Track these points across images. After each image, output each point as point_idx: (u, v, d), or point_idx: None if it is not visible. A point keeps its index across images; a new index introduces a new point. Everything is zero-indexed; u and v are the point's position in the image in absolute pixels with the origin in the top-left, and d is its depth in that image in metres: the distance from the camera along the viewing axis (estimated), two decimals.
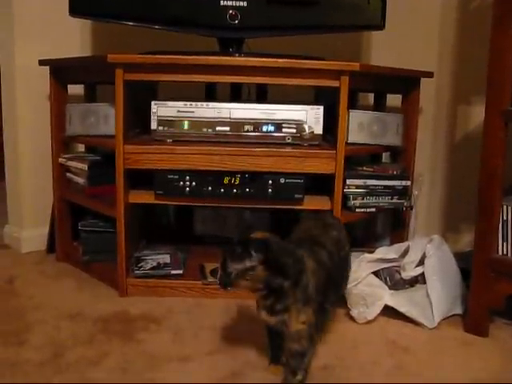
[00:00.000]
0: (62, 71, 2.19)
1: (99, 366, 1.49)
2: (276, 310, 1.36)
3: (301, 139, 1.91)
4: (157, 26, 2.05)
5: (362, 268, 1.87)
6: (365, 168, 2.12)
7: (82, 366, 1.49)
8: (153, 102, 1.90)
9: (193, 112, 1.90)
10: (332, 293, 1.48)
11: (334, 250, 1.50)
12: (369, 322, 1.79)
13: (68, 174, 2.25)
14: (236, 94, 2.26)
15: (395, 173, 2.10)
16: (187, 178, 1.89)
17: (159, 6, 2.01)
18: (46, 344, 1.61)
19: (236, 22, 2.00)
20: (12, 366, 1.48)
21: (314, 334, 1.37)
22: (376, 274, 1.90)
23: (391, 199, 2.08)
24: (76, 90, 2.32)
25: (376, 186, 2.05)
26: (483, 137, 1.68)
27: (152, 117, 1.90)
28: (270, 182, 1.89)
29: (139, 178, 1.96)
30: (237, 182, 1.90)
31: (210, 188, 1.90)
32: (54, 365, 1.49)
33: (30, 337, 1.65)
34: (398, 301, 1.81)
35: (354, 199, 2.01)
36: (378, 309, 1.80)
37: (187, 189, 1.90)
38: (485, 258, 1.70)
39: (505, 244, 1.70)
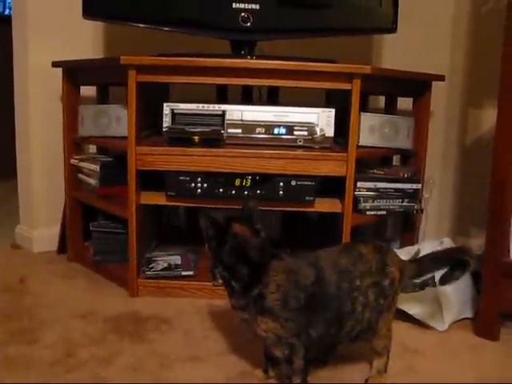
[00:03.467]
0: (74, 73, 2.21)
1: (110, 365, 1.50)
2: (233, 305, 1.37)
3: (312, 142, 1.91)
4: (168, 28, 2.06)
5: None
6: (375, 171, 2.12)
7: (94, 365, 1.50)
8: (165, 104, 1.91)
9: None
10: (323, 324, 1.33)
11: (332, 277, 1.34)
12: None
13: (80, 175, 2.26)
14: (247, 96, 2.27)
15: (406, 176, 2.10)
16: (198, 179, 1.90)
17: (171, 8, 2.02)
18: (57, 343, 1.62)
19: (248, 24, 2.00)
20: (25, 364, 1.49)
21: (294, 344, 1.32)
22: None
23: (402, 202, 2.08)
24: (88, 91, 2.33)
25: (387, 188, 2.05)
26: (494, 141, 1.68)
27: (164, 118, 1.91)
28: (281, 184, 1.90)
29: (150, 180, 1.97)
30: (248, 184, 1.91)
31: (221, 190, 1.91)
32: (66, 363, 1.50)
33: (42, 336, 1.66)
34: (408, 303, 1.80)
35: (365, 202, 2.01)
36: None
37: (198, 190, 1.91)
38: (496, 261, 1.70)
39: None
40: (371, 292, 1.36)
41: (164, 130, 1.91)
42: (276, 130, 1.92)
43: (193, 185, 1.90)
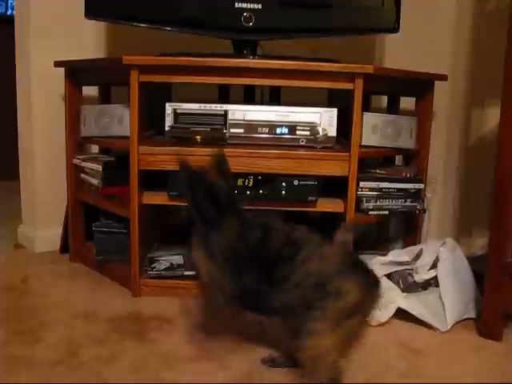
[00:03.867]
0: (77, 73, 2.21)
1: (113, 365, 1.50)
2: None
3: (314, 141, 1.91)
4: (170, 28, 2.06)
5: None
6: (378, 171, 2.12)
7: (96, 365, 1.50)
8: (167, 104, 1.90)
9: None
10: (253, 276, 1.38)
11: (278, 241, 1.39)
12: (382, 324, 1.79)
13: (82, 175, 2.26)
14: (249, 96, 2.26)
15: (408, 176, 2.10)
16: None
17: (173, 8, 2.02)
18: (60, 343, 1.62)
19: (251, 24, 2.00)
20: (27, 364, 1.49)
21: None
22: (389, 276, 1.90)
23: (404, 202, 2.07)
24: (91, 91, 2.33)
25: (389, 188, 2.05)
26: (498, 140, 1.68)
27: (166, 118, 1.91)
28: (284, 183, 1.90)
29: (153, 179, 1.97)
30: (250, 184, 1.91)
31: None
32: (69, 363, 1.50)
33: (45, 335, 1.66)
34: (411, 304, 1.80)
35: (367, 202, 2.01)
36: (390, 311, 1.80)
37: None
38: (499, 262, 1.69)
39: None
40: (313, 278, 1.32)
41: (166, 129, 1.91)
42: (278, 130, 1.92)
43: None
